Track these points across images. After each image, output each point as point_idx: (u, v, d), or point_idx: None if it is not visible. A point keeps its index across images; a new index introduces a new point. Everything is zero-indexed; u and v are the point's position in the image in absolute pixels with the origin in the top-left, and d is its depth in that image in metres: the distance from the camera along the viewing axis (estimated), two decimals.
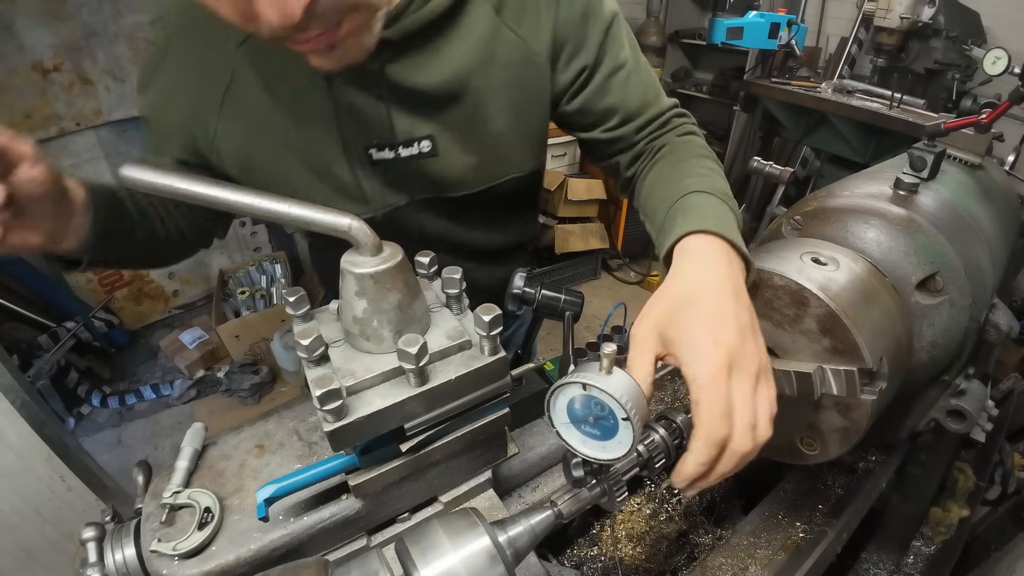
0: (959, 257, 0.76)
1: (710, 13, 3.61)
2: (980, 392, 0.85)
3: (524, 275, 0.80)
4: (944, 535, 1.10)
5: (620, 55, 0.82)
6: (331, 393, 0.45)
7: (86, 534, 0.55)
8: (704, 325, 0.50)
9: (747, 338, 0.51)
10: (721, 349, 0.49)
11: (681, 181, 0.71)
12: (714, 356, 0.48)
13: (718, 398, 0.47)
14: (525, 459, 0.79)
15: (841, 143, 2.78)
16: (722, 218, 0.62)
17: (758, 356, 0.51)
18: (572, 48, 0.80)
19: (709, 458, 0.48)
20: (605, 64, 0.81)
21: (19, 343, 2.63)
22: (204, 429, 0.66)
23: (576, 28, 0.78)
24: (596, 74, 0.81)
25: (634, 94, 0.83)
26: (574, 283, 3.89)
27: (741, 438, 0.48)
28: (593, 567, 0.88)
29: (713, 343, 0.49)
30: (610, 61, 0.81)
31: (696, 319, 0.51)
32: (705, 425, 0.47)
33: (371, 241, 0.49)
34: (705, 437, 0.47)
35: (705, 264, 0.56)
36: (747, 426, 0.48)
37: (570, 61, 0.81)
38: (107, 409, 2.78)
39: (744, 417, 0.48)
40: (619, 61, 0.81)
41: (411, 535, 0.45)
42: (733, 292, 0.53)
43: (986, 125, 1.03)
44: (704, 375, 0.48)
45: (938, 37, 2.53)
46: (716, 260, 0.57)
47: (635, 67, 0.83)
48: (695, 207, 0.65)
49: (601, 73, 0.81)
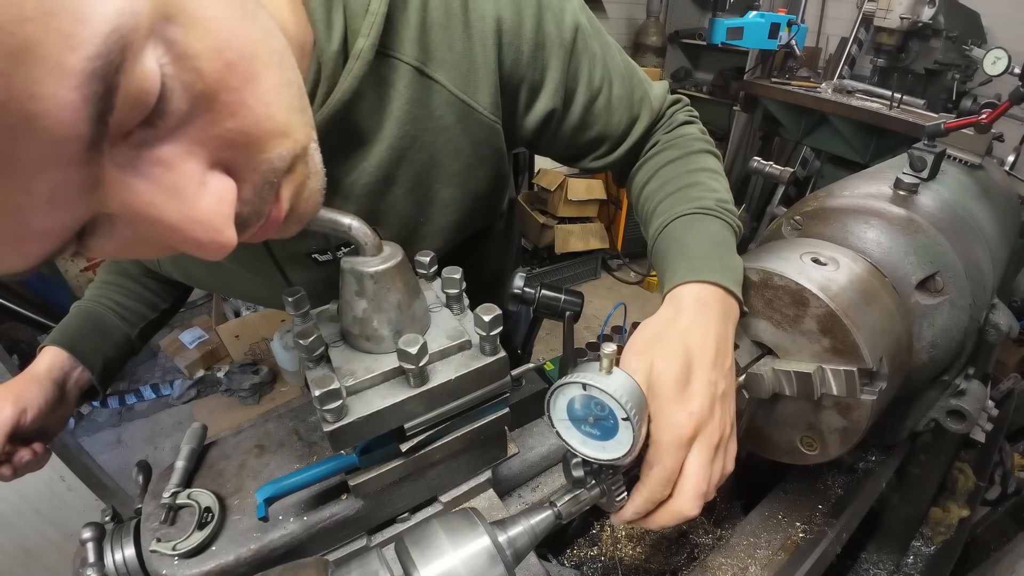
0: (959, 257, 0.76)
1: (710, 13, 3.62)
2: (980, 392, 0.85)
3: (524, 275, 0.80)
4: (944, 535, 1.10)
5: (594, 77, 0.69)
6: (331, 393, 0.45)
7: (86, 534, 0.55)
8: (680, 390, 0.51)
9: (717, 409, 0.52)
10: (692, 420, 0.50)
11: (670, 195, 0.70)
12: (683, 426, 0.50)
13: (670, 467, 0.50)
14: (525, 459, 0.79)
15: (841, 143, 2.78)
16: (715, 253, 0.61)
17: (722, 427, 0.52)
18: (529, 91, 0.66)
19: (647, 511, 0.52)
20: (579, 95, 0.69)
21: (19, 343, 2.64)
22: (204, 429, 0.66)
23: (529, 67, 0.64)
24: (570, 110, 0.70)
25: (619, 115, 0.74)
26: (574, 283, 3.89)
27: (689, 504, 0.50)
28: (593, 567, 0.88)
29: (687, 414, 0.50)
30: (584, 90, 0.69)
31: (677, 381, 0.51)
32: (648, 488, 0.51)
33: (371, 241, 0.49)
34: (647, 496, 0.51)
35: (694, 318, 0.56)
36: (698, 494, 0.50)
37: (531, 105, 0.68)
38: (107, 409, 2.78)
39: (697, 486, 0.50)
40: (595, 86, 0.70)
41: (411, 535, 0.45)
42: (715, 355, 0.53)
43: (986, 125, 1.03)
44: (666, 442, 0.50)
45: (938, 37, 2.53)
46: (707, 314, 0.56)
47: (612, 75, 0.71)
48: (686, 244, 0.64)
49: (576, 106, 0.70)
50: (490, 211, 0.80)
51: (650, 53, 3.98)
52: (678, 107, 0.82)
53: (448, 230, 0.74)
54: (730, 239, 0.66)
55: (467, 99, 0.62)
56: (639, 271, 4.04)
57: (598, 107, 0.72)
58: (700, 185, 0.71)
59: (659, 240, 0.68)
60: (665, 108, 0.80)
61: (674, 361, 0.51)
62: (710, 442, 0.51)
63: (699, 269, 0.59)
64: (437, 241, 0.75)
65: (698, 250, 0.62)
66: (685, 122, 0.81)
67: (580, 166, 0.81)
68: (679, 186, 0.71)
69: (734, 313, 0.59)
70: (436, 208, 0.71)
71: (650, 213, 0.72)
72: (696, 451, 0.50)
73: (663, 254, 0.65)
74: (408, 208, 0.69)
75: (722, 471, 0.53)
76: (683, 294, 0.58)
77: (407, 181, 0.66)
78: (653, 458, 0.50)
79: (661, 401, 0.51)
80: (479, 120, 0.64)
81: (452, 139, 0.65)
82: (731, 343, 0.57)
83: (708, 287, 0.58)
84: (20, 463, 0.71)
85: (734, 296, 0.59)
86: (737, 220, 0.69)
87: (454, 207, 0.71)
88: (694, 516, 0.51)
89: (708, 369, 0.52)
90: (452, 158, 0.66)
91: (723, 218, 0.67)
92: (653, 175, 0.76)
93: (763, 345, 0.69)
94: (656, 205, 0.72)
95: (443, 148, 0.65)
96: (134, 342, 0.90)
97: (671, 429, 0.50)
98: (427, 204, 0.70)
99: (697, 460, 0.50)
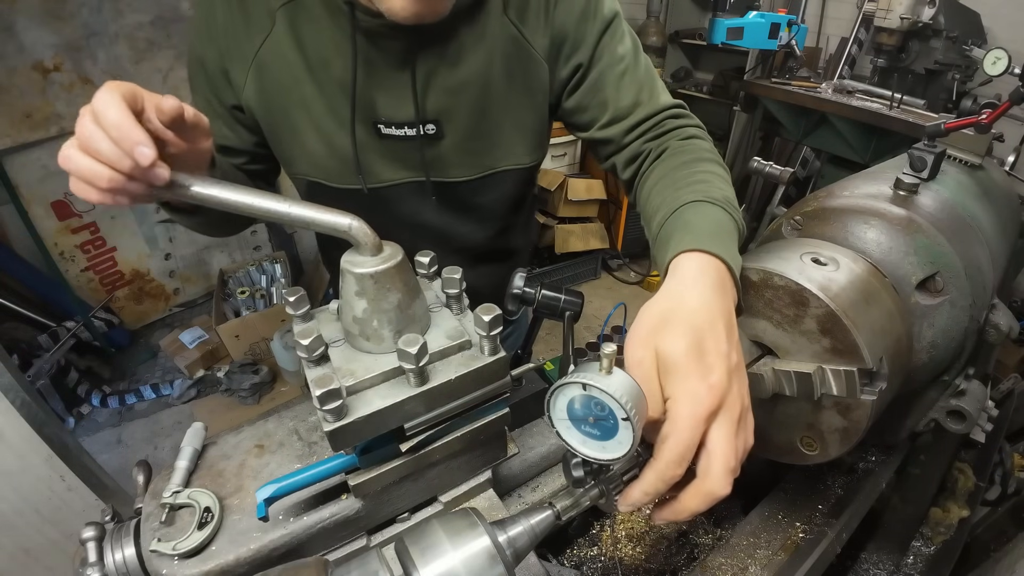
0: (959, 257, 0.76)
1: (710, 13, 3.61)
2: (980, 392, 0.85)
3: (524, 275, 0.80)
4: (944, 535, 1.10)
5: (617, 52, 0.85)
6: (331, 393, 0.45)
7: (86, 534, 0.55)
8: (697, 363, 0.48)
9: (735, 381, 0.50)
10: (714, 392, 0.47)
11: (679, 190, 0.71)
12: (705, 399, 0.47)
13: (687, 440, 0.47)
14: (525, 459, 0.79)
15: (841, 143, 2.78)
16: (719, 233, 0.61)
17: (742, 399, 0.50)
18: (570, 46, 0.84)
19: (657, 492, 0.48)
20: (602, 61, 0.85)
21: (19, 343, 2.63)
22: (204, 429, 0.66)
23: (575, 27, 0.83)
24: (591, 70, 0.85)
25: (627, 92, 0.86)
26: (574, 283, 3.89)
27: (721, 482, 0.47)
28: (593, 567, 0.88)
29: (707, 386, 0.47)
30: (607, 58, 0.85)
31: (690, 355, 0.48)
32: (662, 462, 0.47)
33: (371, 241, 0.49)
34: (659, 472, 0.47)
35: (700, 291, 0.54)
36: (727, 470, 0.47)
37: (568, 59, 0.85)
38: (107, 409, 2.78)
39: (726, 461, 0.47)
40: (615, 58, 0.85)
41: (411, 535, 0.45)
42: (726, 327, 0.52)
43: (986, 125, 1.03)
44: (686, 415, 0.47)
45: (938, 37, 2.53)
46: (711, 286, 0.55)
47: (632, 65, 0.86)
48: (692, 222, 0.64)
49: (596, 69, 0.85)
50: (529, 151, 0.93)
51: (650, 53, 3.95)
52: (688, 121, 0.88)
53: (497, 149, 0.89)
54: (733, 231, 0.66)
55: (528, 40, 0.83)
56: (639, 271, 4.04)
57: (612, 75, 0.85)
58: (708, 183, 0.72)
59: (665, 225, 0.67)
60: (668, 115, 0.87)
61: (684, 339, 0.49)
62: (732, 415, 0.48)
63: (702, 240, 0.59)
64: (488, 158, 0.90)
65: (702, 226, 0.62)
66: (695, 136, 0.86)
67: (586, 136, 0.92)
68: (689, 182, 0.73)
69: (732, 291, 0.58)
70: (488, 125, 0.86)
71: (657, 206, 0.73)
72: (719, 424, 0.47)
73: (668, 235, 0.64)
74: (469, 118, 0.85)
75: (745, 445, 0.50)
76: (685, 264, 0.57)
77: (473, 92, 0.83)
78: (668, 431, 0.47)
79: (678, 376, 0.48)
80: (533, 57, 0.84)
81: (511, 68, 0.84)
82: (732, 311, 0.55)
83: (710, 258, 0.57)
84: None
85: (733, 278, 0.58)
86: (742, 220, 0.69)
87: (503, 127, 0.88)
88: (726, 494, 0.48)
89: (722, 341, 0.50)
90: (508, 84, 0.84)
91: (729, 212, 0.67)
92: (664, 175, 0.78)
93: (763, 345, 0.69)
94: (664, 199, 0.72)
95: (503, 73, 0.83)
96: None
97: (692, 402, 0.47)
98: (483, 118, 0.86)
99: (722, 433, 0.47)
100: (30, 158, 2.68)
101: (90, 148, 0.48)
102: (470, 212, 0.97)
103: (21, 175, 2.68)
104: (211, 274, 3.47)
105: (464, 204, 0.95)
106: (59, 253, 2.90)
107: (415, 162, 0.87)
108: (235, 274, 3.21)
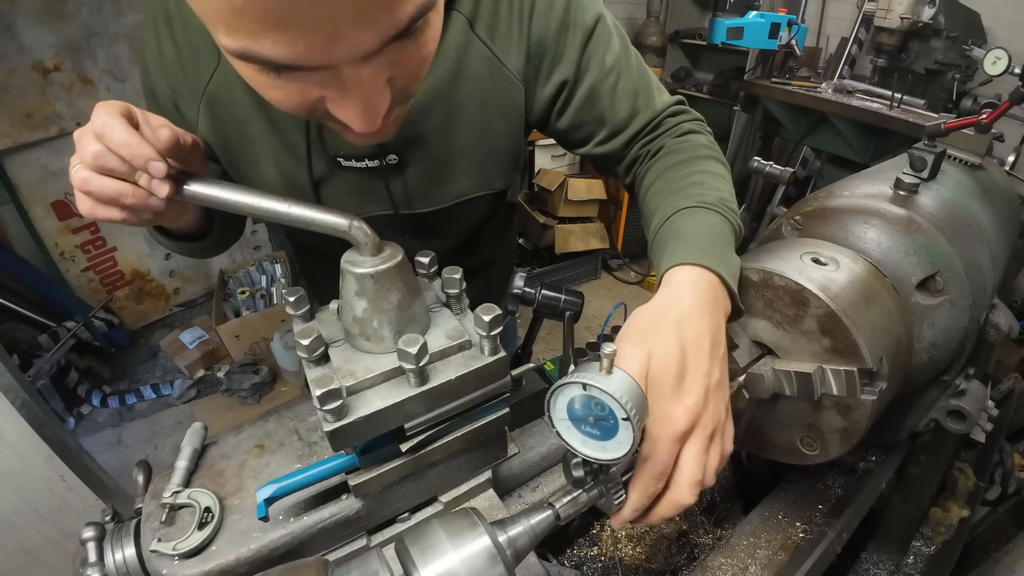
0: (959, 257, 0.76)
1: (710, 13, 3.61)
2: (980, 392, 0.84)
3: (524, 275, 0.80)
4: (944, 535, 1.10)
5: (606, 63, 0.78)
6: (331, 393, 0.45)
7: (86, 534, 0.55)
8: (676, 385, 0.51)
9: (711, 399, 0.52)
10: (687, 415, 0.50)
11: (673, 194, 0.71)
12: (678, 421, 0.50)
13: (664, 460, 0.50)
14: (525, 459, 0.79)
15: (841, 143, 2.78)
16: (712, 243, 0.61)
17: (716, 416, 0.53)
18: (551, 62, 0.78)
19: (644, 506, 0.53)
20: (590, 75, 0.78)
21: (19, 343, 2.64)
22: (204, 429, 0.66)
23: (554, 41, 0.76)
24: (579, 86, 0.79)
25: (622, 104, 0.81)
26: (574, 283, 3.89)
27: (685, 492, 0.51)
28: (593, 567, 0.88)
29: (682, 409, 0.50)
30: (595, 71, 0.78)
31: (670, 375, 0.50)
32: (643, 481, 0.51)
33: (371, 241, 0.49)
34: (642, 489, 0.52)
35: (688, 307, 0.55)
36: (693, 483, 0.51)
37: (550, 76, 0.79)
38: (107, 409, 2.78)
39: (692, 475, 0.51)
40: (604, 69, 0.78)
41: (411, 535, 0.45)
42: (711, 344, 0.53)
43: (986, 125, 1.03)
44: (661, 436, 0.50)
45: (938, 37, 2.53)
46: (700, 302, 0.56)
47: (624, 71, 0.80)
48: (684, 231, 0.64)
49: (585, 84, 0.79)
50: (502, 175, 0.88)
51: (650, 53, 3.97)
52: (685, 117, 0.85)
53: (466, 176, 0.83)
54: (729, 235, 0.66)
55: (500, 57, 0.75)
56: (639, 271, 4.04)
57: (605, 87, 0.79)
58: (703, 184, 0.71)
59: (660, 232, 0.68)
60: (666, 115, 0.84)
61: (670, 355, 0.51)
62: (704, 432, 0.51)
63: (694, 253, 0.59)
64: (456, 187, 0.84)
65: (696, 236, 0.63)
66: (692, 131, 0.83)
67: (583, 152, 0.87)
68: (683, 184, 0.72)
69: (724, 304, 0.59)
70: (455, 152, 0.80)
71: (653, 211, 0.73)
72: (691, 443, 0.51)
73: (663, 244, 0.65)
74: (434, 144, 0.78)
75: (720, 456, 0.53)
76: (678, 278, 0.58)
77: (438, 117, 0.76)
78: (647, 451, 0.51)
79: (657, 396, 0.51)
80: (506, 77, 0.77)
81: (482, 90, 0.76)
82: (723, 331, 0.57)
83: (703, 272, 0.58)
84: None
85: (727, 288, 0.59)
86: (739, 220, 0.69)
87: (472, 153, 0.81)
88: (691, 503, 0.52)
89: (704, 360, 0.52)
90: (478, 107, 0.77)
91: (724, 215, 0.67)
92: (659, 177, 0.77)
93: (763, 345, 0.69)
94: (659, 203, 0.72)
95: (472, 96, 0.76)
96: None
97: (666, 424, 0.50)
98: (449, 145, 0.79)
99: (692, 451, 0.51)
100: (30, 158, 2.68)
101: (104, 168, 0.48)
102: (442, 236, 0.92)
103: (21, 175, 2.68)
104: (211, 274, 3.47)
105: (435, 230, 0.90)
106: (59, 253, 2.90)
107: (381, 195, 0.82)
108: (235, 274, 3.21)
